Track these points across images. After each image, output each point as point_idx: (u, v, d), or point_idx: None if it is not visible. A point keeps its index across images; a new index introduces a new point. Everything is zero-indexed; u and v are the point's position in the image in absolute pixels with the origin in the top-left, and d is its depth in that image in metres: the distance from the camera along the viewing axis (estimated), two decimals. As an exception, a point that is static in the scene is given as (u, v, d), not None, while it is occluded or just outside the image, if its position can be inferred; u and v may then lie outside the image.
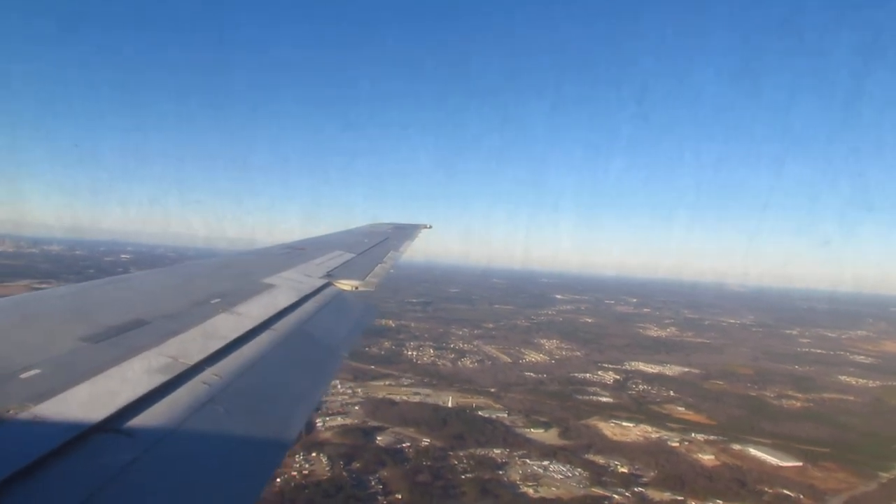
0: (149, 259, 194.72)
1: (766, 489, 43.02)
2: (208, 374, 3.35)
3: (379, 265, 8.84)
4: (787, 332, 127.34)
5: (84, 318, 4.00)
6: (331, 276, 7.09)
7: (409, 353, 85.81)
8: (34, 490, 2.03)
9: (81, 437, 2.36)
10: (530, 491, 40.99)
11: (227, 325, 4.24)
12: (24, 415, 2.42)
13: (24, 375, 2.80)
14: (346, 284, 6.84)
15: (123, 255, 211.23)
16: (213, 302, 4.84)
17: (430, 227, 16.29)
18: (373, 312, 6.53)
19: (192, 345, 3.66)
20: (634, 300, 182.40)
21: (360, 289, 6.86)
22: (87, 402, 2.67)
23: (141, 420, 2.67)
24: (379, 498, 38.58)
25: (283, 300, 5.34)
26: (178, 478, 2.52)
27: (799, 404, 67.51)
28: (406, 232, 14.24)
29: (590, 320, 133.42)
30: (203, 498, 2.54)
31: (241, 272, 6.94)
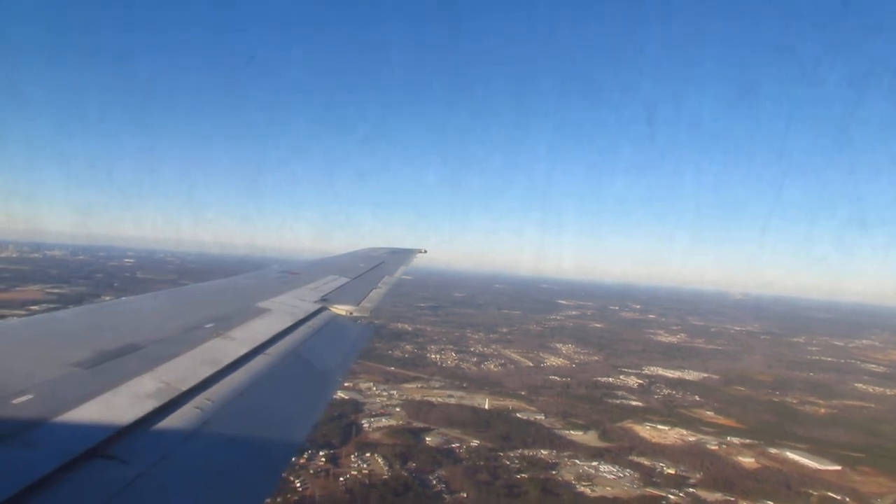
0: (150, 264, 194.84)
1: (811, 492, 44.21)
2: (201, 399, 3.37)
3: (374, 290, 8.97)
4: (795, 340, 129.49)
5: (77, 343, 4.02)
6: (325, 300, 7.13)
7: (433, 356, 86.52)
8: None
9: (74, 462, 2.37)
10: (587, 490, 41.88)
11: (220, 350, 4.26)
12: (16, 440, 2.42)
13: (15, 401, 2.79)
14: (340, 309, 6.87)
15: (127, 260, 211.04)
16: (206, 326, 4.85)
17: (426, 251, 16.59)
18: (367, 336, 6.58)
19: (185, 370, 3.69)
20: (638, 307, 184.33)
21: (355, 314, 6.89)
22: (80, 427, 2.68)
23: (134, 445, 2.68)
24: (445, 497, 39.29)
25: (278, 325, 5.37)
26: (172, 503, 2.56)
27: (823, 410, 69.05)
28: (401, 256, 14.53)
29: (599, 325, 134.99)
30: None
31: (235, 296, 7.00)
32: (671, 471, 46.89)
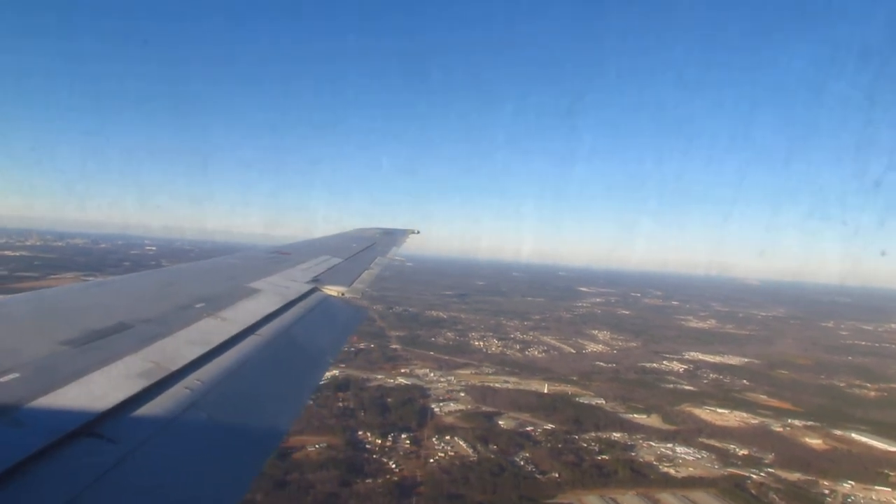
0: (170, 252, 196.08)
1: (887, 472, 45.10)
2: (191, 378, 3.34)
3: (366, 271, 8.91)
4: (824, 324, 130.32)
5: (66, 321, 3.96)
6: (317, 280, 7.06)
7: (476, 343, 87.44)
8: (14, 495, 2.03)
9: (62, 441, 2.35)
10: (671, 471, 42.91)
11: (211, 330, 4.22)
12: (3, 419, 2.40)
13: (2, 379, 2.76)
14: (332, 290, 6.81)
15: (148, 248, 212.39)
16: (197, 306, 4.80)
17: (418, 232, 16.70)
18: (358, 318, 6.54)
19: (175, 350, 3.65)
20: (659, 293, 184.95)
21: (347, 295, 6.84)
22: (68, 406, 2.65)
23: (122, 424, 2.66)
24: (538, 477, 40.32)
25: (269, 305, 5.32)
26: (160, 482, 2.54)
27: (873, 394, 69.84)
28: (394, 237, 14.53)
29: (627, 312, 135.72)
30: (185, 502, 2.57)
31: (226, 276, 6.88)
32: (744, 452, 47.82)
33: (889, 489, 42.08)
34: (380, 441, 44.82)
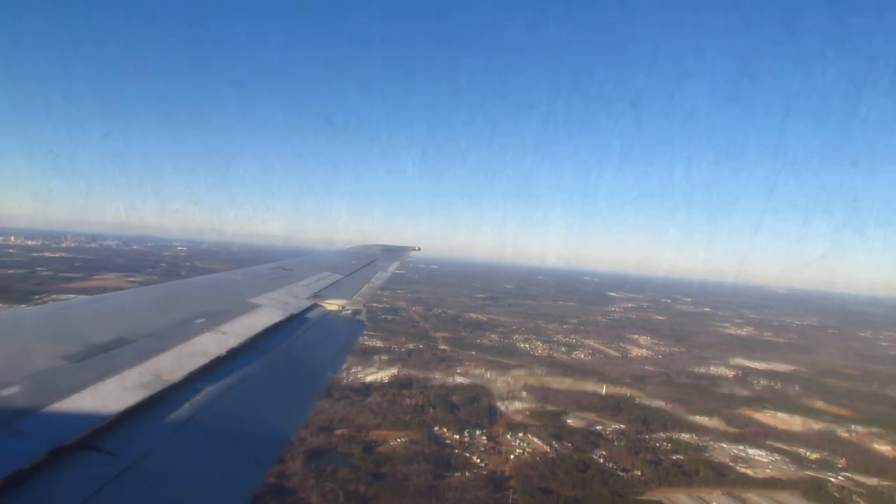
0: (199, 253, 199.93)
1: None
2: (190, 392, 3.39)
3: (366, 286, 9.03)
4: (861, 334, 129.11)
5: (66, 336, 4.01)
6: (317, 296, 7.15)
7: (522, 345, 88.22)
8: None
9: (61, 454, 2.37)
10: (749, 472, 43.42)
11: (210, 345, 4.25)
12: (2, 431, 2.41)
13: (2, 392, 2.78)
14: (332, 305, 6.89)
15: (180, 249, 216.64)
16: (197, 321, 4.86)
17: (419, 249, 17.26)
18: (357, 333, 6.62)
19: (174, 364, 3.69)
20: (689, 300, 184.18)
21: (347, 310, 6.92)
22: (67, 419, 2.67)
23: (121, 438, 2.68)
24: (621, 474, 41.06)
25: (269, 320, 5.37)
26: (158, 497, 2.53)
27: (931, 403, 69.43)
28: (395, 254, 14.72)
29: (662, 318, 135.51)
30: None
31: (226, 292, 6.99)
32: (815, 455, 48.12)
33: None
34: (457, 437, 45.88)
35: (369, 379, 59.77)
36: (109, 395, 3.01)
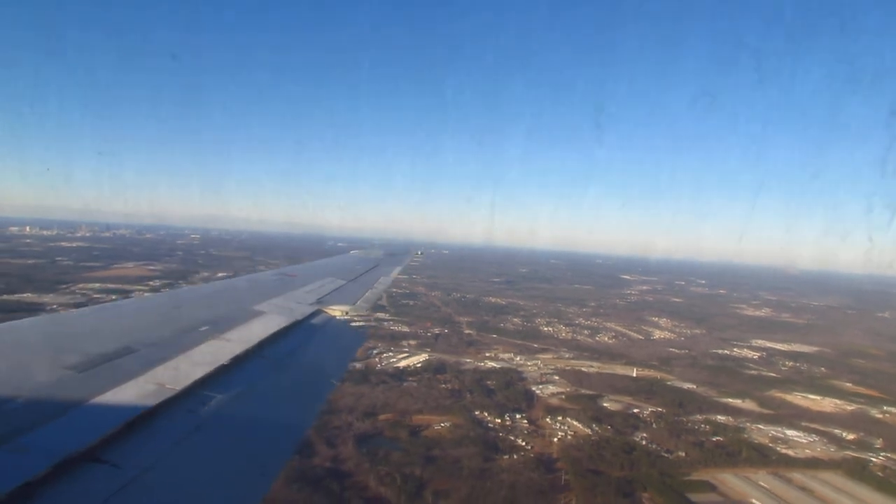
0: (212, 241, 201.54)
1: None
2: (195, 401, 3.43)
3: (370, 291, 9.12)
4: (880, 315, 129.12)
5: (71, 346, 4.06)
6: (321, 302, 7.24)
7: (545, 329, 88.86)
8: None
9: (66, 466, 2.38)
10: (790, 452, 43.95)
11: (215, 353, 4.30)
12: (7, 444, 2.44)
13: (7, 404, 2.82)
14: (336, 311, 6.97)
15: (193, 237, 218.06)
16: (201, 329, 4.92)
17: (421, 253, 17.68)
18: (360, 339, 6.73)
19: (178, 372, 3.73)
20: (703, 282, 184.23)
21: (351, 316, 7.00)
22: (72, 431, 2.69)
23: (127, 449, 2.70)
24: (665, 456, 41.69)
25: (273, 327, 5.45)
26: None
27: (960, 382, 69.71)
28: (397, 258, 15.08)
29: (678, 300, 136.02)
30: None
31: (230, 299, 7.03)
32: (852, 436, 48.63)
33: None
34: (498, 420, 46.56)
35: (402, 364, 60.49)
36: (114, 406, 3.05)
